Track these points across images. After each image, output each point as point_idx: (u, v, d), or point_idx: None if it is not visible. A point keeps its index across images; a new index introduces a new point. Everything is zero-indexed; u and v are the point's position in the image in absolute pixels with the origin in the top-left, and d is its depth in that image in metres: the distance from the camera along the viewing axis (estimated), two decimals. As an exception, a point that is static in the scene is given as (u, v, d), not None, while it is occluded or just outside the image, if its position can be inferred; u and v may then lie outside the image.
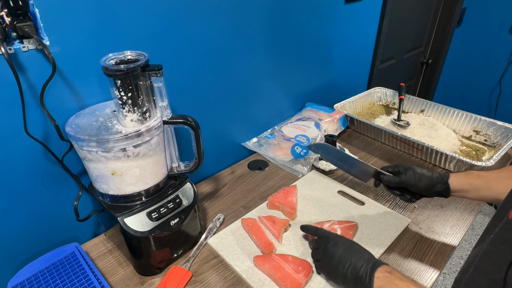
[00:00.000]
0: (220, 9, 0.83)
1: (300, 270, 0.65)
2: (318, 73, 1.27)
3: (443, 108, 1.22)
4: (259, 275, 0.67)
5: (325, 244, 0.63)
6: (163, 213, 0.66)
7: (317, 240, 0.66)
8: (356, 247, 0.61)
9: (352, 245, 0.61)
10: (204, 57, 0.85)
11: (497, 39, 2.05)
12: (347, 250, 0.60)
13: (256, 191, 0.94)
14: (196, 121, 0.66)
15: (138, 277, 0.69)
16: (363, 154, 1.09)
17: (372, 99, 1.40)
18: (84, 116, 0.64)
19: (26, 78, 0.59)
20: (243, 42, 0.93)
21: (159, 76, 0.59)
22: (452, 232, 0.78)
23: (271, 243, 0.72)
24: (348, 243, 0.62)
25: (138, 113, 0.59)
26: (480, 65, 2.19)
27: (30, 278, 0.65)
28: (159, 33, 0.74)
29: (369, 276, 0.55)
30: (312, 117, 1.16)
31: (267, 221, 0.78)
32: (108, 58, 0.57)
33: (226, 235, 0.77)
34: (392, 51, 1.70)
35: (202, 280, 0.68)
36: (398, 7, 1.53)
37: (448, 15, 1.93)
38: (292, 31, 1.05)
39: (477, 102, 2.29)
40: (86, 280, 0.64)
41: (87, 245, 0.77)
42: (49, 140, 0.66)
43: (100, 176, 0.62)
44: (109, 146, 0.57)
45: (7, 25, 0.54)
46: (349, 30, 1.29)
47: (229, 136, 1.06)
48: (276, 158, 1.05)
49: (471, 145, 1.10)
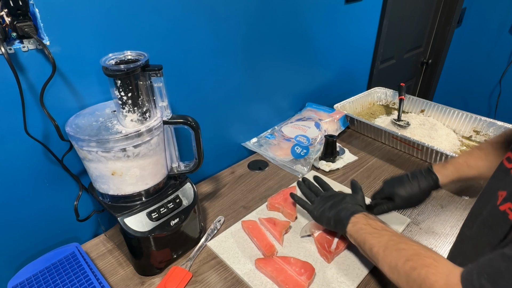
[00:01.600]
0: (220, 9, 0.83)
1: (302, 272, 0.65)
2: (318, 73, 1.27)
3: (443, 108, 1.22)
4: (261, 278, 0.67)
5: (321, 194, 0.73)
6: (163, 213, 0.66)
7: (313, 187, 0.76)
8: (346, 199, 0.69)
9: (344, 198, 0.69)
10: (204, 57, 0.85)
11: (497, 39, 2.05)
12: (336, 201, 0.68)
13: (256, 191, 0.94)
14: (196, 121, 0.65)
15: (138, 277, 0.69)
16: (363, 154, 1.09)
17: (372, 99, 1.40)
18: (84, 116, 0.64)
19: (26, 78, 0.59)
20: (243, 42, 0.93)
21: (159, 76, 0.59)
22: (452, 232, 0.78)
23: (272, 246, 0.72)
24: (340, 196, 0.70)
25: (138, 113, 0.59)
26: (480, 65, 2.19)
27: (30, 278, 0.65)
28: (160, 33, 0.74)
29: (347, 218, 0.63)
30: (312, 117, 1.16)
31: (268, 223, 0.77)
32: (108, 58, 0.57)
33: (226, 238, 0.77)
34: (392, 51, 1.70)
35: (202, 280, 0.68)
36: (398, 7, 1.53)
37: (448, 15, 1.93)
38: (292, 31, 1.05)
39: (477, 102, 2.29)
40: (86, 280, 0.64)
41: (87, 245, 0.77)
42: (49, 140, 0.66)
43: (100, 176, 0.62)
44: (109, 146, 0.57)
45: (7, 25, 0.54)
46: (349, 30, 1.29)
47: (229, 136, 1.06)
48: (276, 158, 1.05)
49: (471, 145, 1.10)
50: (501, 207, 0.44)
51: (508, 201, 0.43)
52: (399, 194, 0.70)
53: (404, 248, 0.49)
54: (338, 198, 0.69)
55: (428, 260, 0.44)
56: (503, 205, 0.43)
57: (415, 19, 1.76)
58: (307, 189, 0.77)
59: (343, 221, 0.63)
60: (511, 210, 0.42)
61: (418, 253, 0.47)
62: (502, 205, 0.44)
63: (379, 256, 0.52)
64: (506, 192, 0.44)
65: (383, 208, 0.72)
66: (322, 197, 0.72)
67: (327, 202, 0.69)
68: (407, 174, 0.72)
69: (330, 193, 0.73)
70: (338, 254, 0.71)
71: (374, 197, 0.77)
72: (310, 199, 0.74)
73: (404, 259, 0.47)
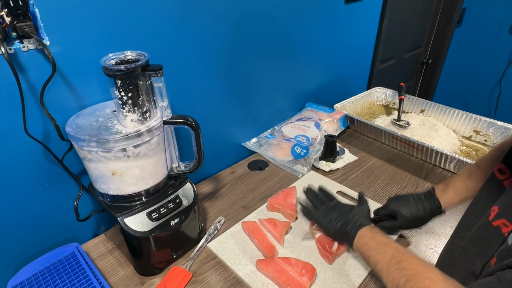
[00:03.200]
0: (220, 9, 0.83)
1: (303, 273, 0.65)
2: (318, 73, 1.27)
3: (443, 108, 1.22)
4: (262, 279, 0.67)
5: (327, 203, 0.72)
6: (163, 213, 0.66)
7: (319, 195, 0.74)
8: (354, 210, 0.67)
9: (351, 210, 0.68)
10: (205, 57, 0.85)
11: (497, 39, 2.05)
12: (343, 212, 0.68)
13: (256, 191, 0.94)
14: (196, 121, 0.65)
15: (138, 277, 0.69)
16: (363, 154, 1.09)
17: (372, 99, 1.40)
18: (84, 116, 0.64)
19: (26, 78, 0.59)
20: (243, 42, 0.93)
21: (159, 76, 0.59)
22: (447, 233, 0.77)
23: (273, 246, 0.72)
24: (347, 208, 0.69)
25: (138, 113, 0.59)
26: (480, 65, 2.19)
27: (30, 278, 0.65)
28: (160, 33, 0.74)
29: (354, 232, 0.62)
30: (312, 117, 1.16)
31: (268, 224, 0.77)
32: (108, 58, 0.57)
33: (226, 239, 0.77)
34: (392, 51, 1.70)
35: (202, 280, 0.68)
36: (398, 7, 1.53)
37: (448, 15, 1.93)
38: (292, 31, 1.05)
39: (477, 102, 2.29)
40: (86, 280, 0.64)
41: (87, 245, 0.77)
42: (49, 140, 0.66)
43: (100, 176, 0.62)
44: (109, 146, 0.57)
45: (7, 25, 0.54)
46: (349, 30, 1.29)
47: (229, 136, 1.06)
48: (276, 158, 1.05)
49: (471, 145, 1.10)
50: (494, 223, 0.44)
51: (502, 217, 0.43)
52: (403, 215, 0.70)
53: (405, 267, 0.50)
54: (344, 209, 0.68)
55: (426, 282, 0.45)
56: (495, 221, 0.44)
57: (415, 19, 1.76)
58: (314, 196, 0.75)
59: (349, 234, 0.63)
60: (504, 225, 0.42)
61: (418, 273, 0.47)
62: (494, 221, 0.44)
63: (383, 274, 0.53)
64: (498, 207, 0.44)
65: (385, 225, 0.72)
66: (327, 207, 0.71)
67: (333, 212, 0.68)
68: (412, 196, 0.72)
69: (336, 203, 0.72)
70: (339, 255, 0.71)
71: (377, 213, 0.76)
72: (317, 207, 0.72)
73: (405, 279, 0.48)
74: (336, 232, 0.66)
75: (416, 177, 0.98)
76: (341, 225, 0.65)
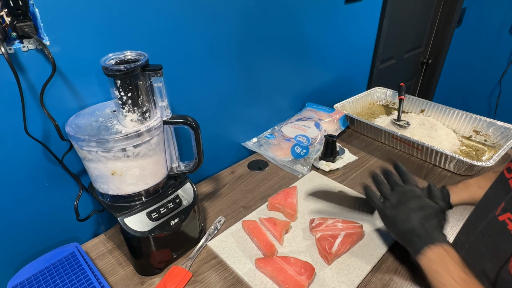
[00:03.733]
0: (220, 9, 0.83)
1: (302, 272, 0.65)
2: (318, 73, 1.27)
3: (443, 108, 1.22)
4: (261, 277, 0.67)
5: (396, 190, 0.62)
6: (163, 213, 0.66)
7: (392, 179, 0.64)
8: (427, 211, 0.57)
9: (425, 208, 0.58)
10: (204, 56, 0.85)
11: (497, 39, 2.05)
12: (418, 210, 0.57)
13: (256, 191, 0.94)
14: (196, 121, 0.65)
15: (138, 277, 0.69)
16: (363, 154, 1.09)
17: (372, 99, 1.40)
18: (84, 116, 0.64)
19: (26, 78, 0.59)
20: (243, 42, 0.93)
21: (159, 76, 0.59)
22: (452, 232, 0.78)
23: (272, 245, 0.72)
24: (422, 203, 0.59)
25: (138, 113, 0.59)
26: (480, 65, 2.19)
27: (30, 278, 0.65)
28: (159, 33, 0.74)
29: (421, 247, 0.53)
30: (312, 117, 1.16)
31: (268, 223, 0.77)
32: (108, 58, 0.57)
33: (226, 238, 0.77)
34: (392, 51, 1.70)
35: (202, 280, 0.68)
36: (398, 7, 1.53)
37: (448, 15, 1.93)
38: (292, 31, 1.05)
39: (477, 102, 2.29)
40: (86, 280, 0.64)
41: (87, 245, 0.77)
42: (49, 140, 0.66)
43: (100, 176, 0.62)
44: (109, 146, 0.57)
45: (7, 25, 0.54)
46: (349, 30, 1.29)
47: (229, 136, 1.06)
48: (276, 158, 1.05)
49: (471, 145, 1.10)
50: (500, 217, 0.44)
51: (507, 211, 0.43)
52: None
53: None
54: (416, 204, 0.58)
55: None
56: (501, 215, 0.44)
57: (415, 19, 1.76)
58: (382, 178, 0.66)
59: (414, 247, 0.55)
60: (510, 220, 0.42)
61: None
62: (500, 216, 0.44)
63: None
64: (504, 202, 0.44)
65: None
66: (397, 193, 0.60)
67: (401, 204, 0.59)
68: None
69: (408, 190, 0.61)
70: (339, 256, 0.71)
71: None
72: (384, 192, 0.63)
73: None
74: (398, 234, 0.59)
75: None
76: (405, 229, 0.56)
